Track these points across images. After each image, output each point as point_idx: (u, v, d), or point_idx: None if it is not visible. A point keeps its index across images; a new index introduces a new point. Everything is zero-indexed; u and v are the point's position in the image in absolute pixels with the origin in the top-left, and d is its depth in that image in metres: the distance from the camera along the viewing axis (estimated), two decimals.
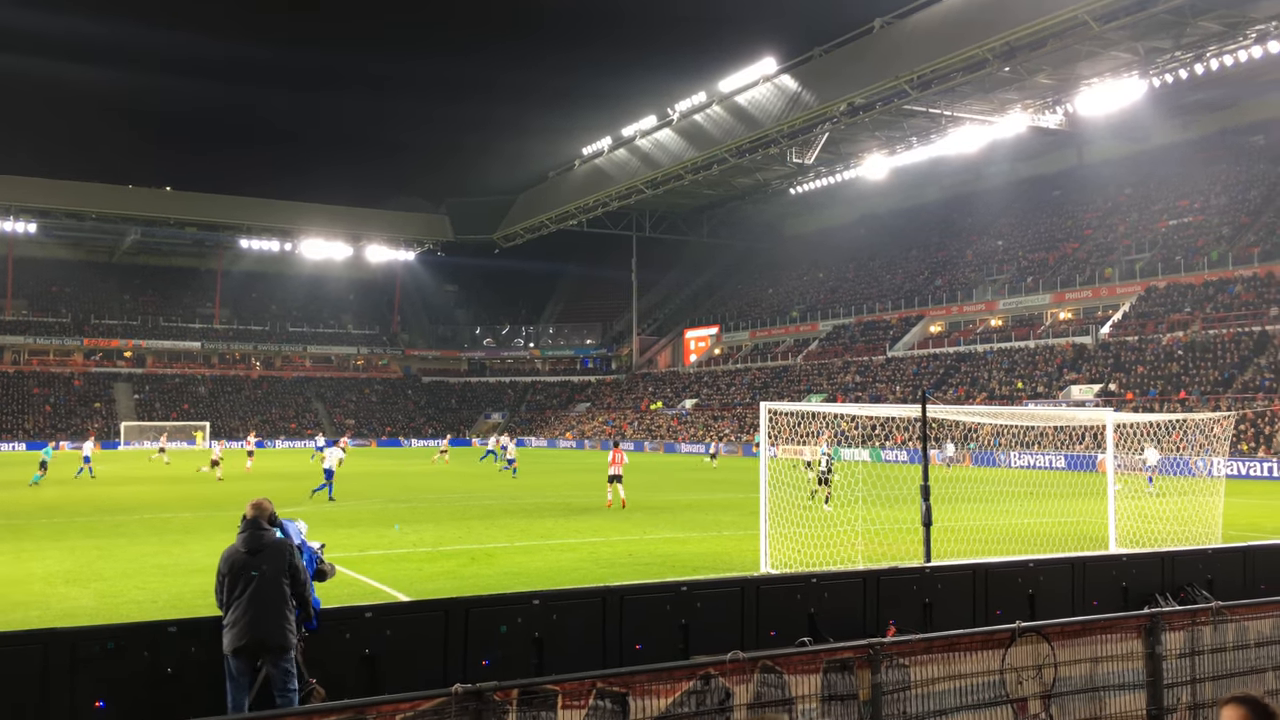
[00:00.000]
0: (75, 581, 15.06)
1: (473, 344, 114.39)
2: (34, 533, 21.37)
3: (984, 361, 64.72)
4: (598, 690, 5.91)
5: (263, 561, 7.48)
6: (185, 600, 13.19)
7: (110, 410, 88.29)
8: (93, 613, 12.57)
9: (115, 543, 19.69)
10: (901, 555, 15.99)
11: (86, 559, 17.39)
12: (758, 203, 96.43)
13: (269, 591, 7.39)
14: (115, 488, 35.57)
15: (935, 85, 57.40)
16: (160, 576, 15.47)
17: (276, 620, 7.34)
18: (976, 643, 7.24)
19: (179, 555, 17.84)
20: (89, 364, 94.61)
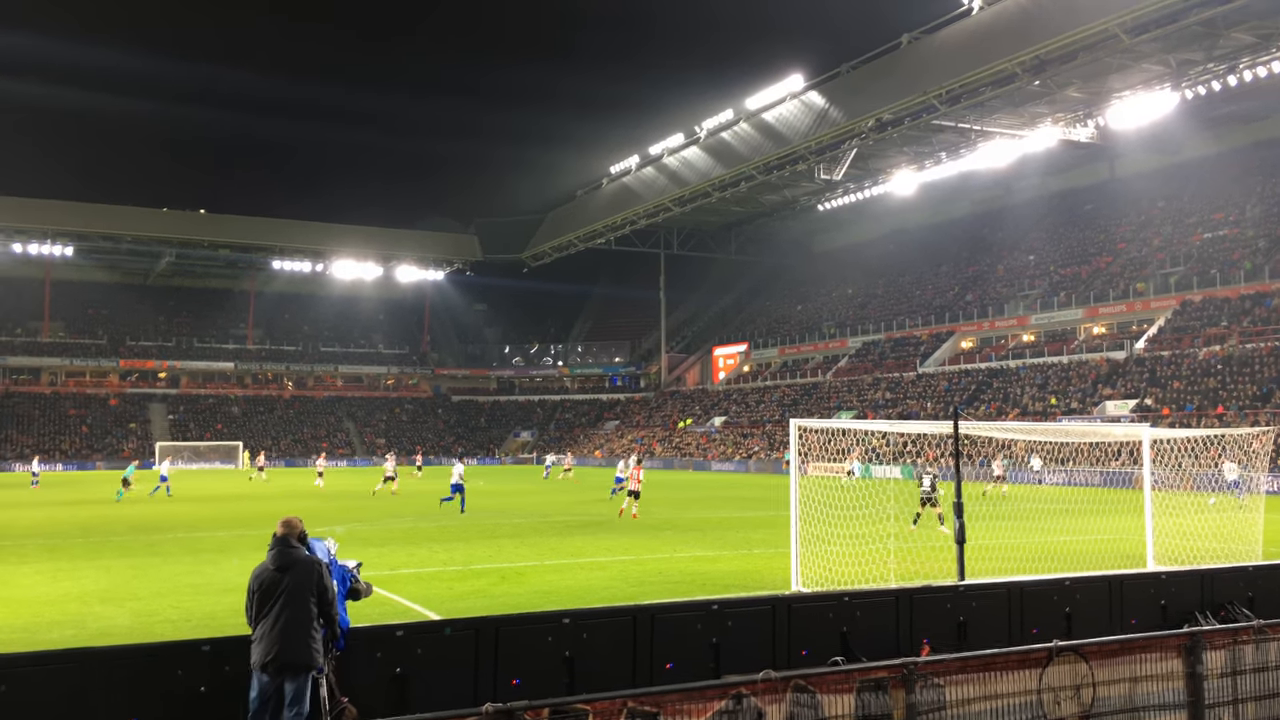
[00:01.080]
0: (110, 600, 15.19)
1: (501, 363, 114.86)
2: (70, 552, 21.61)
3: (1016, 377, 64.14)
4: (629, 710, 5.87)
5: (291, 579, 7.51)
6: (218, 619, 13.27)
7: (145, 430, 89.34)
8: (128, 632, 12.67)
9: (150, 561, 19.86)
10: (935, 574, 15.82)
11: (122, 578, 17.55)
12: (786, 219, 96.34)
13: (296, 609, 7.41)
14: (151, 507, 35.92)
15: (964, 100, 57.21)
16: (194, 595, 15.58)
17: (302, 638, 7.37)
18: (1013, 662, 7.14)
19: (212, 574, 17.97)
20: (124, 385, 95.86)
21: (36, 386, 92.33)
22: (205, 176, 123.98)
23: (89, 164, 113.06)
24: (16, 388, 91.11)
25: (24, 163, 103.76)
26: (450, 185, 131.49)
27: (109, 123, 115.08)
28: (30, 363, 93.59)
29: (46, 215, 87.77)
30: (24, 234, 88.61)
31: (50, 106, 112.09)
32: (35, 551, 21.68)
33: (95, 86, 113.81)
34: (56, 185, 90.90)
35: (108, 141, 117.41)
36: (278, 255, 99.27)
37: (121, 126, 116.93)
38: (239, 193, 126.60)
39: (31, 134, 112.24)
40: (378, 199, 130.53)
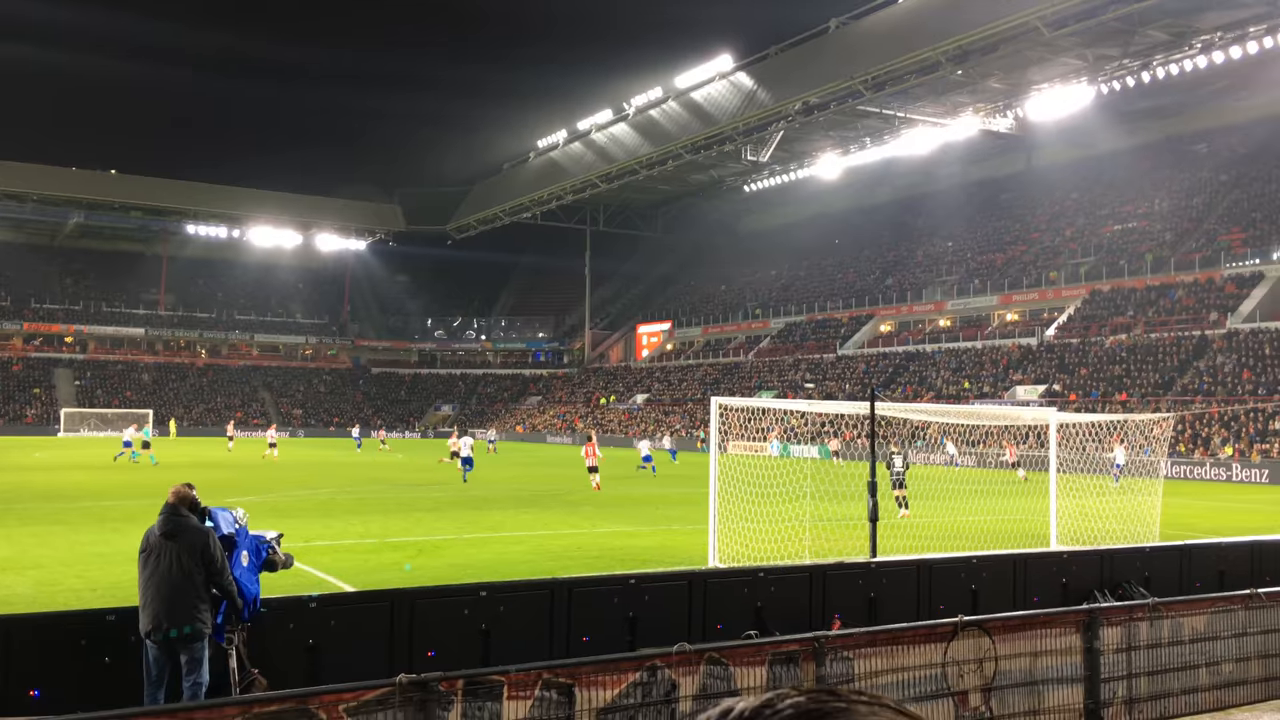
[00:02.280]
0: (11, 569, 14.73)
1: (424, 335, 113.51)
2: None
3: (932, 361, 65.53)
4: (544, 681, 5.90)
5: (177, 545, 7.40)
6: (124, 588, 12.93)
7: (50, 396, 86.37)
8: (30, 600, 12.30)
9: (53, 530, 19.29)
10: (848, 551, 16.15)
11: (23, 546, 17.01)
12: (712, 199, 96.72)
13: (177, 576, 7.30)
14: (54, 474, 34.82)
15: (889, 87, 57.97)
16: (100, 565, 15.18)
17: (186, 605, 7.25)
18: (919, 636, 7.34)
19: (119, 543, 17.50)
20: (28, 349, 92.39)
21: None
22: (117, 136, 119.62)
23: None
24: None
25: None
26: (374, 154, 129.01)
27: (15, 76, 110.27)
28: None
29: None
30: None
31: None
32: None
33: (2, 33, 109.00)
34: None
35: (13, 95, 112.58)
36: (192, 219, 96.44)
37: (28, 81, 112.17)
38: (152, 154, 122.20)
39: None
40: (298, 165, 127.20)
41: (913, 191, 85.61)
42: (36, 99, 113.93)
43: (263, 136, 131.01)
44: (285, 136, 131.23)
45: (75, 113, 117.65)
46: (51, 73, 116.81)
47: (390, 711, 5.29)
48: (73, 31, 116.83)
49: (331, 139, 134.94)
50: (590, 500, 27.76)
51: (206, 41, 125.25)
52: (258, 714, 4.91)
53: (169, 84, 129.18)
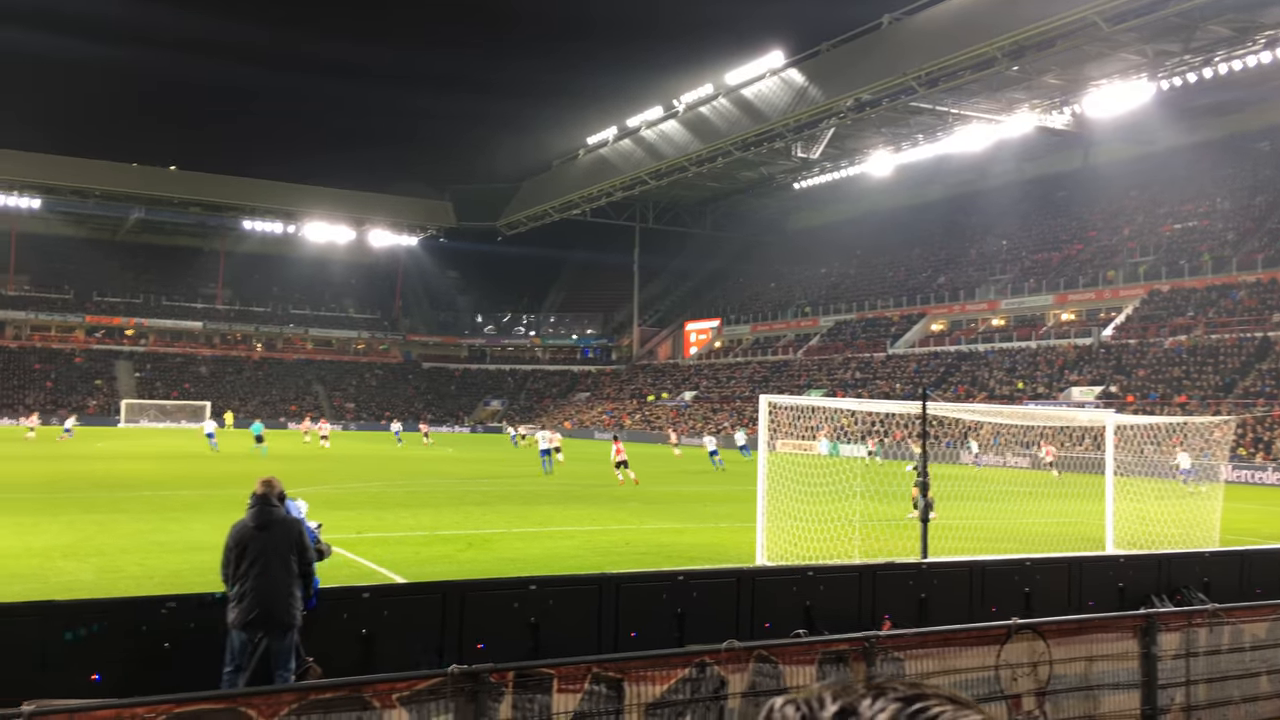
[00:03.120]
0: (74, 556, 15.09)
1: (474, 331, 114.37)
2: (33, 507, 21.41)
3: (985, 361, 64.70)
4: (593, 675, 5.92)
5: (271, 537, 7.51)
6: (183, 577, 13.22)
7: (111, 388, 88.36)
8: (91, 587, 12.59)
9: (115, 518, 19.73)
10: (898, 551, 16.01)
11: (86, 534, 17.42)
12: (762, 196, 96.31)
13: (277, 568, 7.42)
14: (115, 464, 35.61)
15: (942, 83, 57.30)
16: (159, 553, 15.50)
17: (284, 597, 7.39)
18: (972, 638, 7.26)
19: (178, 532, 17.87)
20: (91, 341, 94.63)
21: (1, 340, 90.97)
22: (178, 133, 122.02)
23: (58, 116, 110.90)
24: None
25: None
26: (426, 151, 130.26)
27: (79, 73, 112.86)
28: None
29: (13, 167, 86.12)
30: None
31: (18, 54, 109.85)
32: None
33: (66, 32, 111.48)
34: (24, 136, 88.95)
35: (78, 93, 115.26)
36: (249, 215, 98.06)
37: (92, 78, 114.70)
38: (212, 151, 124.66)
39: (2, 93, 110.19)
40: (353, 162, 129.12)
41: (966, 189, 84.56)
42: (99, 96, 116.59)
43: (319, 134, 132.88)
44: (341, 134, 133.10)
45: (136, 110, 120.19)
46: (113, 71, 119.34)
47: (442, 701, 5.34)
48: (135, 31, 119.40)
49: (386, 137, 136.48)
50: (638, 496, 27.81)
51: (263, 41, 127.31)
52: (313, 701, 4.99)
53: (228, 83, 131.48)
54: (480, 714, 5.38)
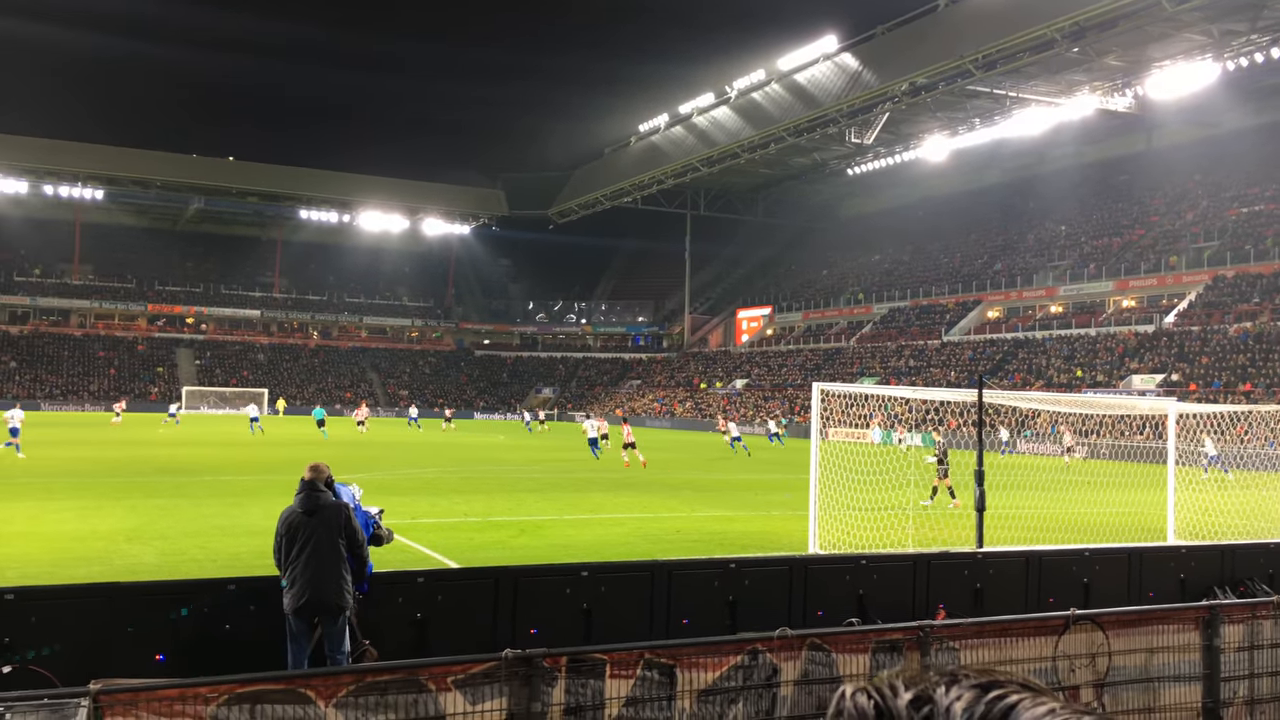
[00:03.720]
0: (137, 539, 15.45)
1: (525, 319, 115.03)
2: (98, 491, 21.96)
3: (1042, 348, 63.68)
4: (645, 661, 5.94)
5: (319, 523, 7.62)
6: (243, 560, 13.48)
7: (172, 375, 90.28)
8: (154, 569, 12.89)
9: (177, 503, 20.16)
10: (953, 541, 15.84)
11: (149, 518, 17.83)
12: (814, 183, 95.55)
13: (326, 552, 7.53)
14: (176, 450, 36.41)
15: (1000, 66, 56.33)
16: (220, 536, 15.82)
17: (334, 581, 7.49)
18: (1029, 629, 7.16)
19: (238, 517, 18.23)
20: (152, 329, 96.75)
21: (66, 328, 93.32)
22: (235, 125, 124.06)
23: (120, 109, 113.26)
24: (47, 328, 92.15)
25: (56, 106, 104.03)
26: (478, 140, 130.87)
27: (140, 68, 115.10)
28: (60, 304, 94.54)
29: (77, 158, 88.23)
30: (55, 175, 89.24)
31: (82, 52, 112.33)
32: (63, 489, 22.05)
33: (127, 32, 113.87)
34: (87, 129, 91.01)
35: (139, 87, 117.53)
36: (305, 205, 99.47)
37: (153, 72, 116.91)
38: (268, 141, 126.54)
39: (64, 78, 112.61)
40: (406, 152, 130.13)
41: (1024, 173, 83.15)
42: (160, 90, 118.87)
43: (372, 124, 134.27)
44: (394, 124, 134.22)
45: (196, 102, 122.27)
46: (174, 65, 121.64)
47: (496, 685, 5.39)
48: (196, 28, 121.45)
49: (439, 126, 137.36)
50: (690, 484, 27.82)
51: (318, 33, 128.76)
52: (370, 683, 5.05)
53: (283, 74, 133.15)
54: (534, 698, 5.42)
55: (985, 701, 0.76)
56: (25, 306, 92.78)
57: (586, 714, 5.71)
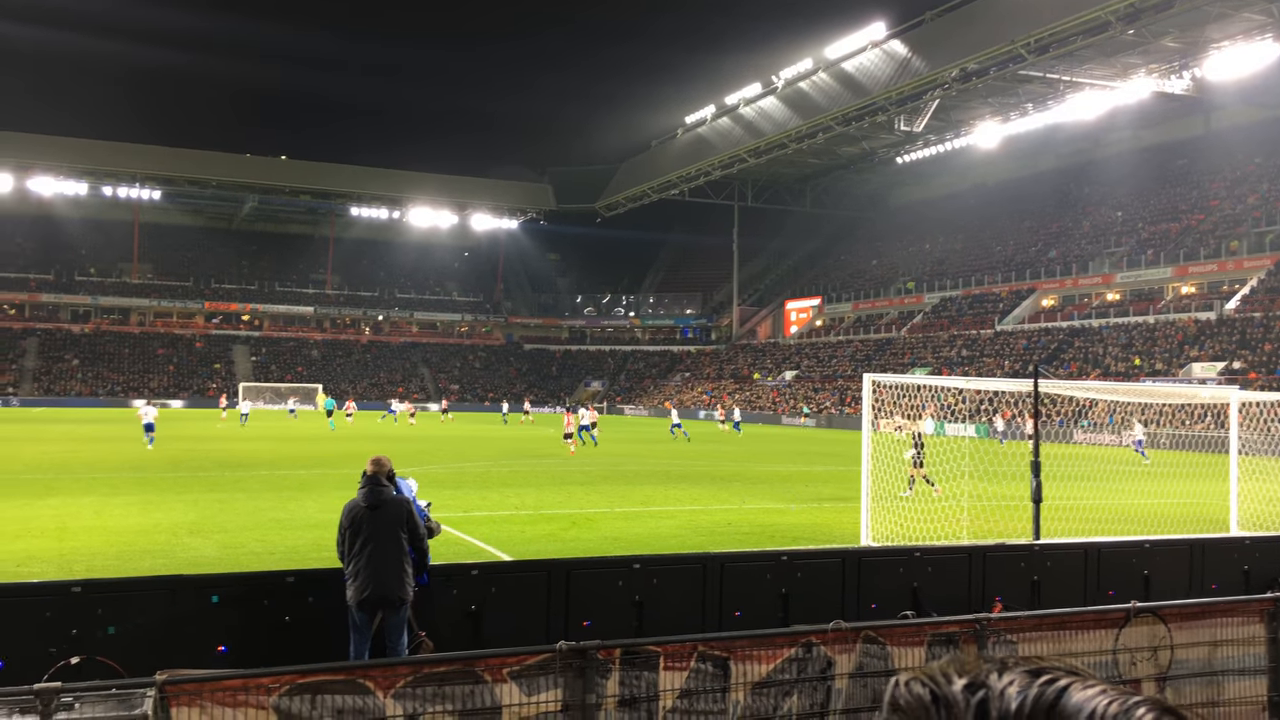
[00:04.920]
0: (199, 533, 15.76)
1: (574, 312, 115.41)
2: (160, 485, 22.43)
3: (1099, 337, 62.57)
4: (699, 653, 5.94)
5: (382, 517, 7.72)
6: (300, 553, 13.70)
7: (229, 371, 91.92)
8: (215, 562, 13.14)
9: (235, 497, 20.54)
10: (1009, 533, 15.64)
11: (209, 511, 18.18)
12: (863, 172, 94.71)
13: (388, 546, 7.63)
14: (234, 444, 37.07)
15: (1053, 50, 55.36)
16: (278, 530, 16.09)
17: (396, 574, 7.60)
18: (1089, 622, 7.06)
19: (295, 510, 18.52)
20: (209, 326, 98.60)
21: (126, 326, 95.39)
22: (287, 124, 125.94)
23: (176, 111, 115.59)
24: (107, 326, 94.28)
25: (116, 110, 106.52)
26: (525, 135, 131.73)
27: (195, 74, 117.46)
28: (120, 303, 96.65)
29: (135, 160, 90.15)
30: (114, 177, 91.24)
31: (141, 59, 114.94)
32: (127, 484, 22.55)
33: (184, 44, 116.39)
34: (145, 131, 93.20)
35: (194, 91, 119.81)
36: (356, 202, 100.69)
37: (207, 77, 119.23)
38: (319, 140, 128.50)
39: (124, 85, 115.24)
40: (454, 148, 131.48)
41: (1078, 159, 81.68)
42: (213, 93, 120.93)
43: (421, 121, 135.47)
44: (442, 120, 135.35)
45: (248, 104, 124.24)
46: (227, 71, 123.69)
47: (551, 676, 5.43)
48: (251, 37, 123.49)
49: (486, 122, 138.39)
50: (740, 477, 27.75)
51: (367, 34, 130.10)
52: (427, 674, 5.11)
53: (333, 74, 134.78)
54: (588, 690, 5.45)
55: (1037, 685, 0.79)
56: (87, 305, 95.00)
57: (641, 706, 5.73)
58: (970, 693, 0.80)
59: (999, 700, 0.79)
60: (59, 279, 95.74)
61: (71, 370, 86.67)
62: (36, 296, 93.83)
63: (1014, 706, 0.78)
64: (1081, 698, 0.78)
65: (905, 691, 0.84)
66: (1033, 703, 0.78)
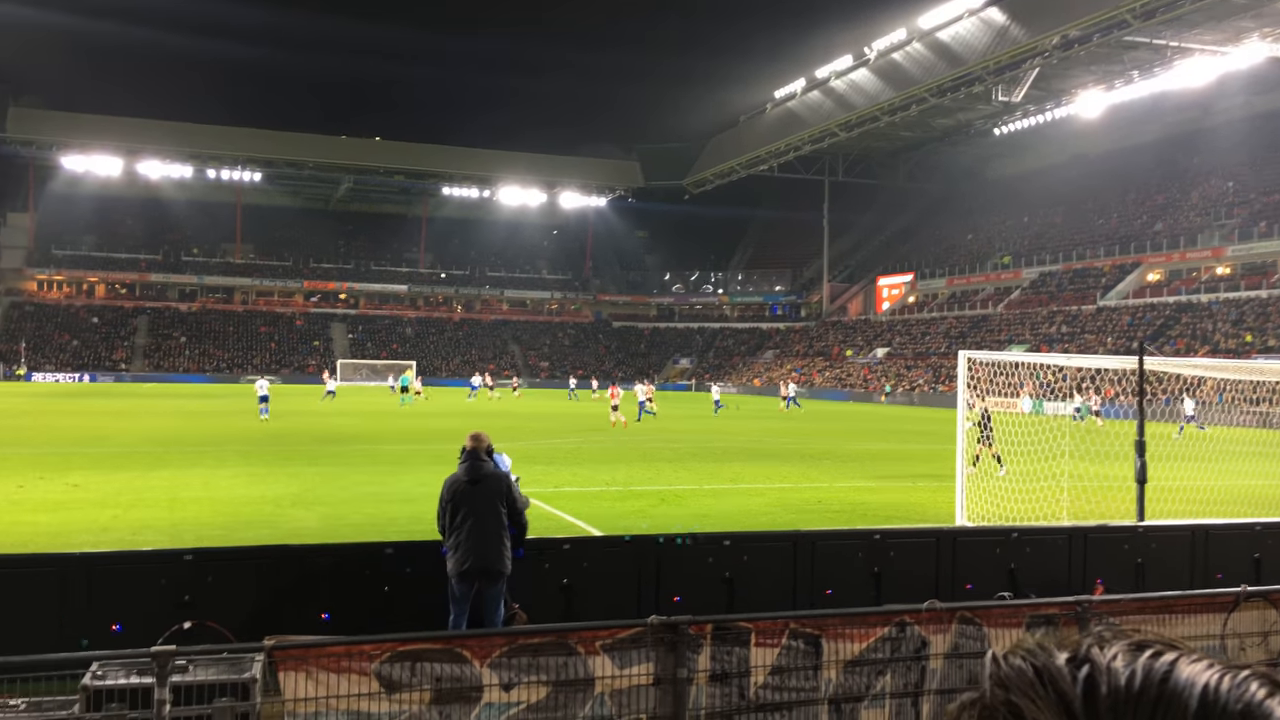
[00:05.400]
0: (301, 504, 16.26)
1: (662, 290, 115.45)
2: (264, 458, 23.20)
3: (1208, 312, 60.23)
4: (791, 630, 5.92)
5: (483, 491, 7.87)
6: (398, 525, 14.03)
7: (327, 348, 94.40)
8: (317, 533, 13.55)
9: (336, 470, 21.13)
10: (1111, 514, 15.21)
11: (310, 484, 18.74)
12: (958, 144, 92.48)
13: (489, 519, 7.78)
14: (333, 419, 38.11)
15: (1160, 14, 53.16)
16: (375, 503, 16.51)
17: (496, 547, 7.74)
18: (1196, 605, 6.84)
19: (392, 484, 18.98)
20: (309, 305, 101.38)
21: (230, 305, 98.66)
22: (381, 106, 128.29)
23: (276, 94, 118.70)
24: (213, 305, 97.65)
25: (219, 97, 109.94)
26: (614, 112, 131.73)
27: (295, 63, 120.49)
28: (224, 282, 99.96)
29: (238, 142, 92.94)
30: (217, 159, 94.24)
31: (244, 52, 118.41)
32: (233, 457, 23.38)
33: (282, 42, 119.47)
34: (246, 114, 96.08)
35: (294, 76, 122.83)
36: (448, 181, 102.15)
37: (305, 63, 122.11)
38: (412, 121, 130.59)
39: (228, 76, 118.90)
40: (543, 126, 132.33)
41: (1186, 128, 78.43)
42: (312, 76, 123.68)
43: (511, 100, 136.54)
44: (532, 98, 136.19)
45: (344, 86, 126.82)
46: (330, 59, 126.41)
47: (643, 650, 5.47)
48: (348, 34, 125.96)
49: (574, 99, 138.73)
50: (829, 454, 27.52)
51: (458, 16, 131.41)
52: (522, 645, 5.20)
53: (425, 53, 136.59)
54: (679, 664, 5.47)
55: (1145, 658, 0.76)
56: (193, 285, 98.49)
57: (732, 681, 5.74)
58: (1075, 666, 0.78)
59: (1106, 675, 0.76)
60: (166, 259, 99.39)
61: (179, 347, 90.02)
62: (146, 276, 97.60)
63: (1123, 682, 0.75)
64: (1191, 672, 0.75)
65: (1007, 666, 0.81)
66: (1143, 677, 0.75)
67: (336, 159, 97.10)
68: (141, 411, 41.30)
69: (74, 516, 14.47)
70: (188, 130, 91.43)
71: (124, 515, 14.66)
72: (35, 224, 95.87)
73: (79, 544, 11.98)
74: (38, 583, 7.43)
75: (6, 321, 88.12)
